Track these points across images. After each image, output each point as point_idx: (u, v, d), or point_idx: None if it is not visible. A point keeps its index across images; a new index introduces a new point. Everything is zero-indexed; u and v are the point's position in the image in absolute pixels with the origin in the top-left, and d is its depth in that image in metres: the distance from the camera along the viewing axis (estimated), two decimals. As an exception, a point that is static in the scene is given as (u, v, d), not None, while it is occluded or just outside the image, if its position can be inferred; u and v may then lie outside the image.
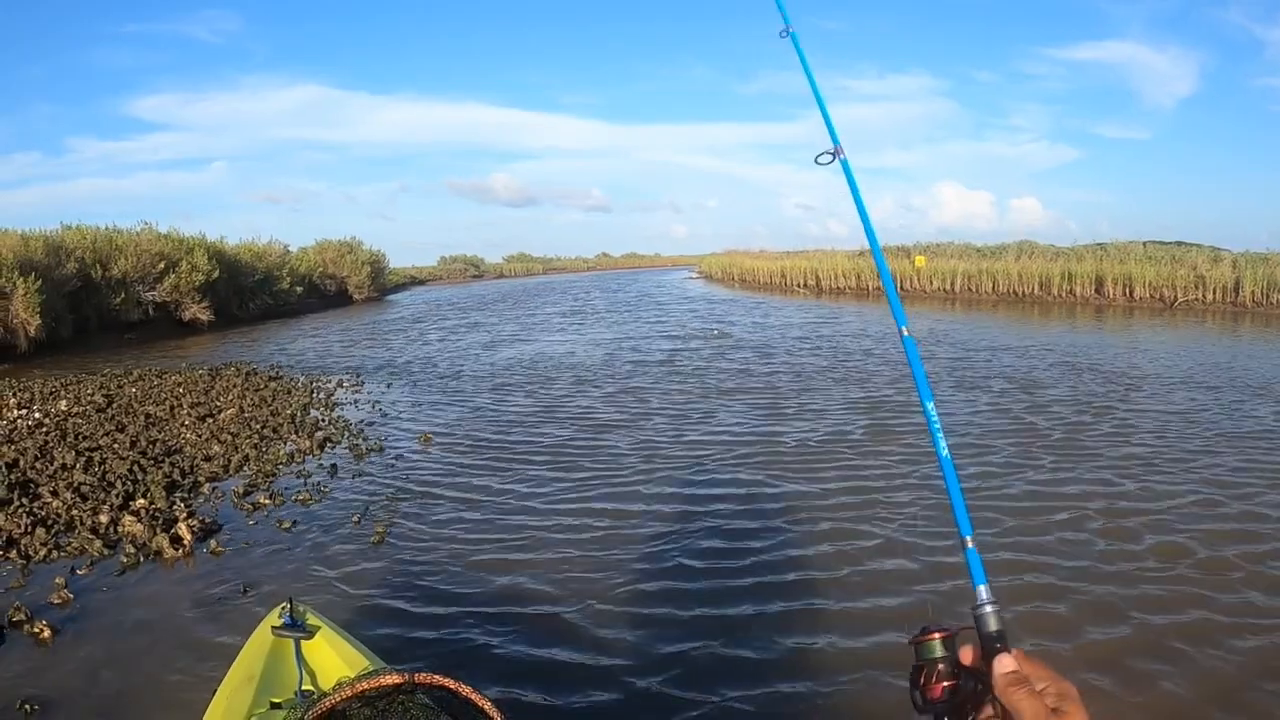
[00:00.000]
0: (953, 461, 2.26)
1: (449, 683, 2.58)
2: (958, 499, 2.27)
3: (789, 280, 45.65)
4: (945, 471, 2.33)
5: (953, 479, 2.29)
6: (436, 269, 75.48)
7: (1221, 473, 8.49)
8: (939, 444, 2.37)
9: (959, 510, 2.25)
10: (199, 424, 11.69)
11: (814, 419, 11.30)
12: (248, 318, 32.37)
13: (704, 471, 8.93)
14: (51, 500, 8.16)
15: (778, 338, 21.78)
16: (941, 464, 2.35)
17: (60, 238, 25.58)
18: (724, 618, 5.51)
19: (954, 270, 36.05)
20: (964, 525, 2.24)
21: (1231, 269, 28.24)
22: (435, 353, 20.80)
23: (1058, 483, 8.26)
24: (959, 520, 2.24)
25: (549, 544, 6.95)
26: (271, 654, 3.30)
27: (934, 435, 2.37)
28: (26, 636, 5.47)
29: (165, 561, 6.79)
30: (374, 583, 6.29)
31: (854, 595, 5.80)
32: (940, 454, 2.37)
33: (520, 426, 11.50)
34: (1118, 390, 13.17)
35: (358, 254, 46.76)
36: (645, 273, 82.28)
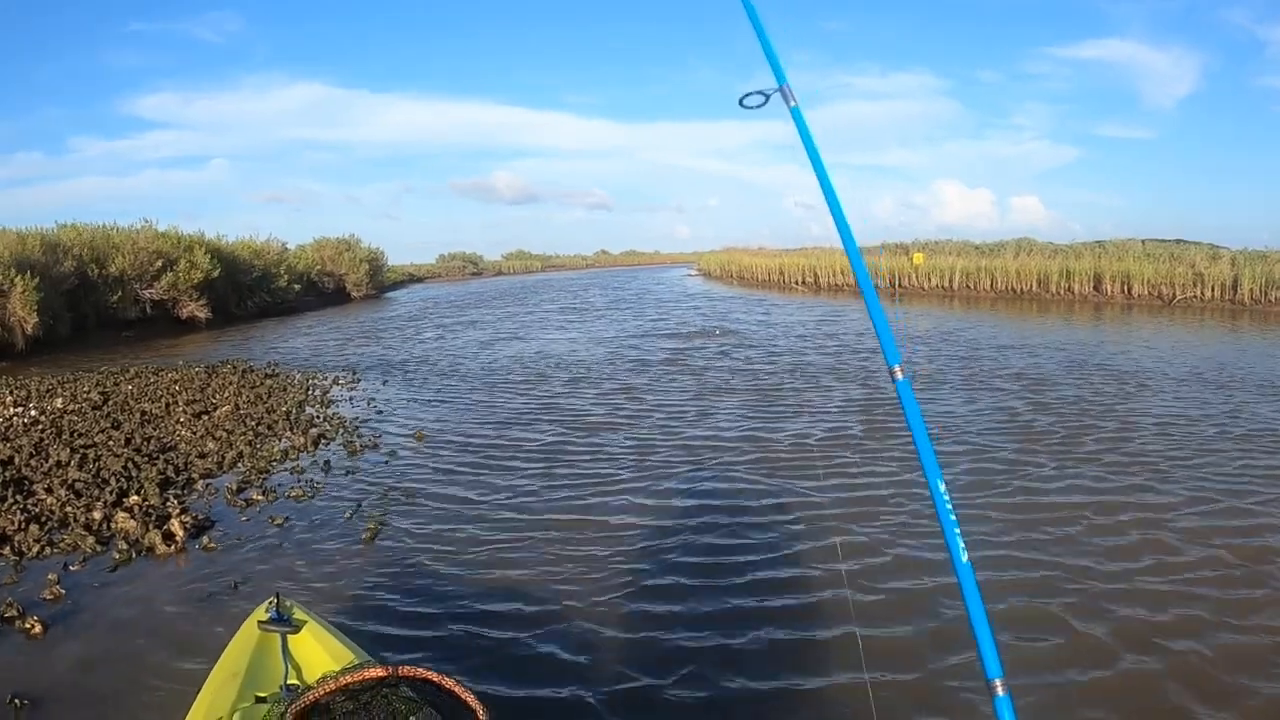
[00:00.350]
0: (974, 574, 2.17)
1: (432, 675, 2.60)
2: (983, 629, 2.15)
3: (787, 278, 45.68)
4: (964, 586, 2.21)
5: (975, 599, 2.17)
6: (435, 266, 75.47)
7: (1225, 474, 8.41)
8: (955, 548, 2.23)
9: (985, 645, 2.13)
10: (194, 421, 11.70)
11: (817, 418, 11.26)
12: (246, 315, 32.36)
13: (701, 471, 8.90)
14: (45, 497, 8.17)
15: (780, 335, 21.68)
16: (959, 575, 2.21)
17: (57, 236, 25.57)
18: (717, 618, 5.51)
19: (952, 267, 36.07)
20: (991, 665, 2.13)
21: (1230, 267, 28.26)
22: (431, 350, 20.81)
23: (1057, 479, 8.24)
24: (985, 657, 2.13)
25: (541, 542, 6.95)
26: (258, 649, 3.31)
27: (949, 537, 2.22)
28: (18, 632, 5.48)
29: (158, 558, 6.80)
30: (365, 579, 6.30)
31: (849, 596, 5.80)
32: (957, 560, 2.22)
33: (515, 425, 11.49)
34: (1121, 388, 13.16)
35: (356, 252, 46.75)
36: (644, 270, 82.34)
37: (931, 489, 2.19)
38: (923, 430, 2.28)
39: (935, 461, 2.23)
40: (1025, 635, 5.10)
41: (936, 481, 2.20)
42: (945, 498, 2.18)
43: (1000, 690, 2.11)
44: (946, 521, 2.15)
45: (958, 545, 2.14)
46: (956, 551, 2.15)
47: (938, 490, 2.19)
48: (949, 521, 2.15)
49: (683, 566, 6.32)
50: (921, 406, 2.22)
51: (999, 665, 2.12)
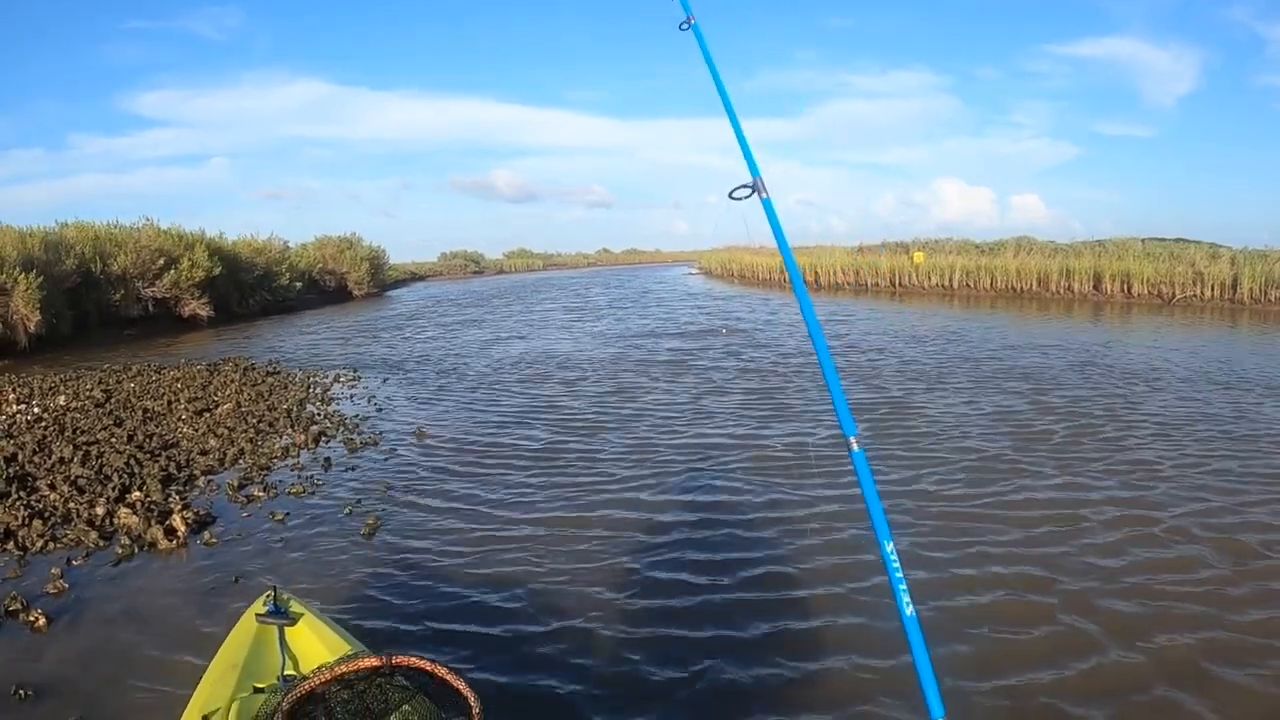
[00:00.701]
0: (919, 626, 2.32)
1: (425, 664, 2.67)
2: (927, 674, 2.32)
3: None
4: (910, 636, 2.35)
5: (920, 648, 2.31)
6: (437, 265, 75.44)
7: (1231, 478, 8.35)
8: (900, 601, 2.38)
9: (929, 687, 2.31)
10: (196, 418, 11.78)
11: (823, 421, 11.18)
12: (247, 314, 32.40)
13: (703, 473, 8.90)
14: (49, 493, 8.25)
15: (787, 335, 21.48)
16: (905, 626, 2.36)
17: (60, 234, 25.62)
18: (713, 613, 5.58)
19: (952, 266, 36.07)
20: (934, 705, 2.29)
21: (1230, 266, 28.26)
22: (432, 349, 20.85)
23: (1066, 488, 8.16)
24: (928, 699, 2.32)
25: (539, 539, 7.03)
26: (256, 641, 3.38)
27: (896, 592, 2.37)
28: (22, 625, 5.56)
29: (160, 553, 6.89)
30: (364, 574, 6.38)
31: (842, 609, 5.87)
32: (903, 612, 2.37)
33: (516, 424, 11.54)
34: (1125, 388, 13.15)
35: (357, 250, 46.75)
36: (646, 269, 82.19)
37: (881, 550, 2.42)
38: (876, 500, 2.50)
39: (886, 526, 2.45)
40: (1012, 632, 5.18)
41: (885, 542, 2.42)
42: (893, 558, 2.40)
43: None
44: (894, 579, 2.38)
45: (903, 599, 2.36)
46: (901, 604, 2.37)
47: (886, 551, 2.41)
48: (896, 579, 2.38)
49: (679, 564, 6.39)
50: (927, 408, 2.36)
51: (940, 705, 2.31)
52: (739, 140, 3.00)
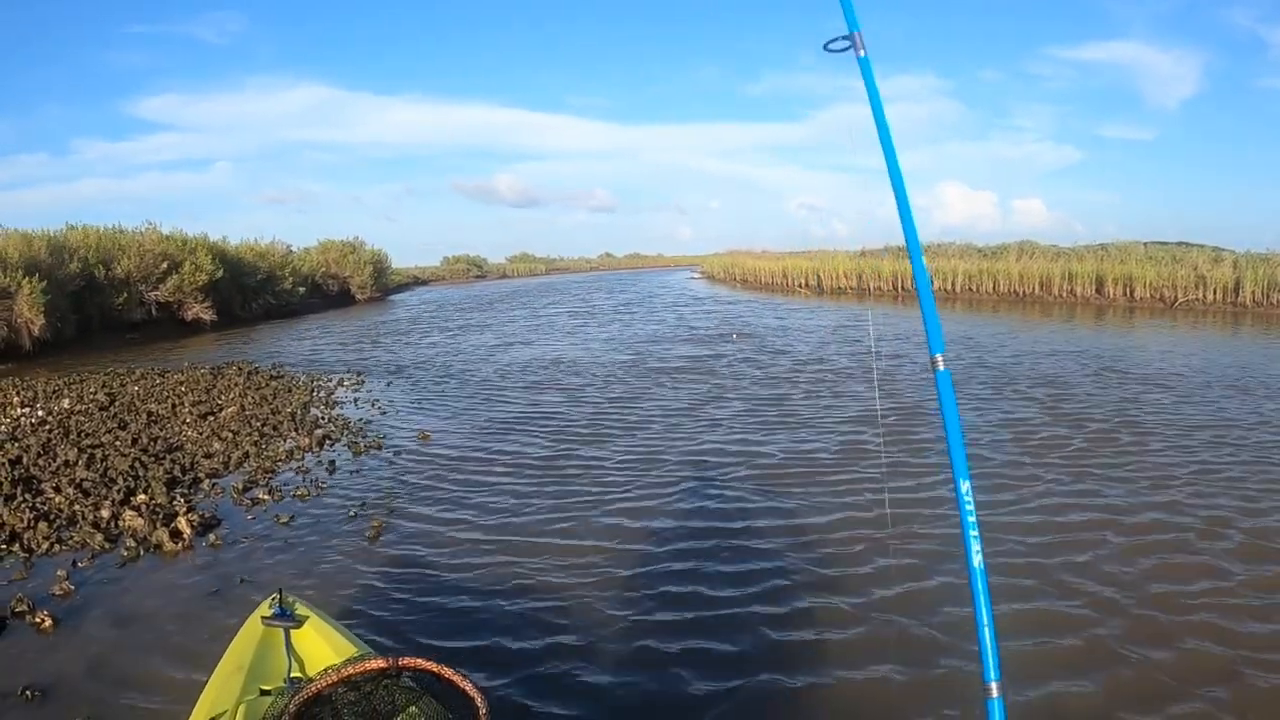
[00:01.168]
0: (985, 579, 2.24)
1: (432, 666, 2.68)
2: (986, 632, 2.23)
3: (790, 280, 45.65)
4: (974, 588, 2.26)
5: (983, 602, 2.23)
6: (440, 269, 75.43)
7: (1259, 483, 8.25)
8: (970, 549, 2.26)
9: (986, 648, 2.21)
10: (200, 422, 11.81)
11: (839, 430, 10.95)
12: (250, 317, 32.43)
13: (715, 481, 8.84)
14: (54, 496, 8.27)
15: (798, 341, 21.08)
16: (971, 577, 2.26)
17: (64, 237, 25.67)
18: (718, 624, 5.57)
19: (955, 270, 36.06)
20: (990, 668, 2.21)
21: (1232, 269, 28.24)
22: (436, 353, 20.87)
23: (1083, 495, 8.02)
24: (985, 659, 2.20)
25: (545, 544, 7.04)
26: (262, 643, 3.40)
27: (966, 538, 2.26)
28: (28, 626, 5.58)
29: (165, 555, 6.91)
30: (369, 577, 6.40)
31: (855, 622, 5.87)
32: (971, 562, 2.27)
33: (522, 429, 11.54)
34: (1142, 392, 13.08)
35: (360, 254, 46.78)
36: (648, 273, 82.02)
37: (956, 488, 2.27)
38: (957, 428, 2.36)
39: (964, 462, 2.31)
40: (1035, 639, 5.18)
41: (961, 481, 2.27)
42: (968, 499, 2.26)
43: (995, 692, 2.21)
44: (965, 522, 2.23)
45: (972, 548, 2.23)
46: (971, 553, 2.23)
47: (960, 491, 2.26)
48: (967, 523, 2.23)
49: (689, 574, 6.38)
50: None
51: (997, 669, 2.22)
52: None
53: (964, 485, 2.23)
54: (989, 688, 2.23)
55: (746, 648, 5.15)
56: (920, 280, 2.52)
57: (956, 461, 2.28)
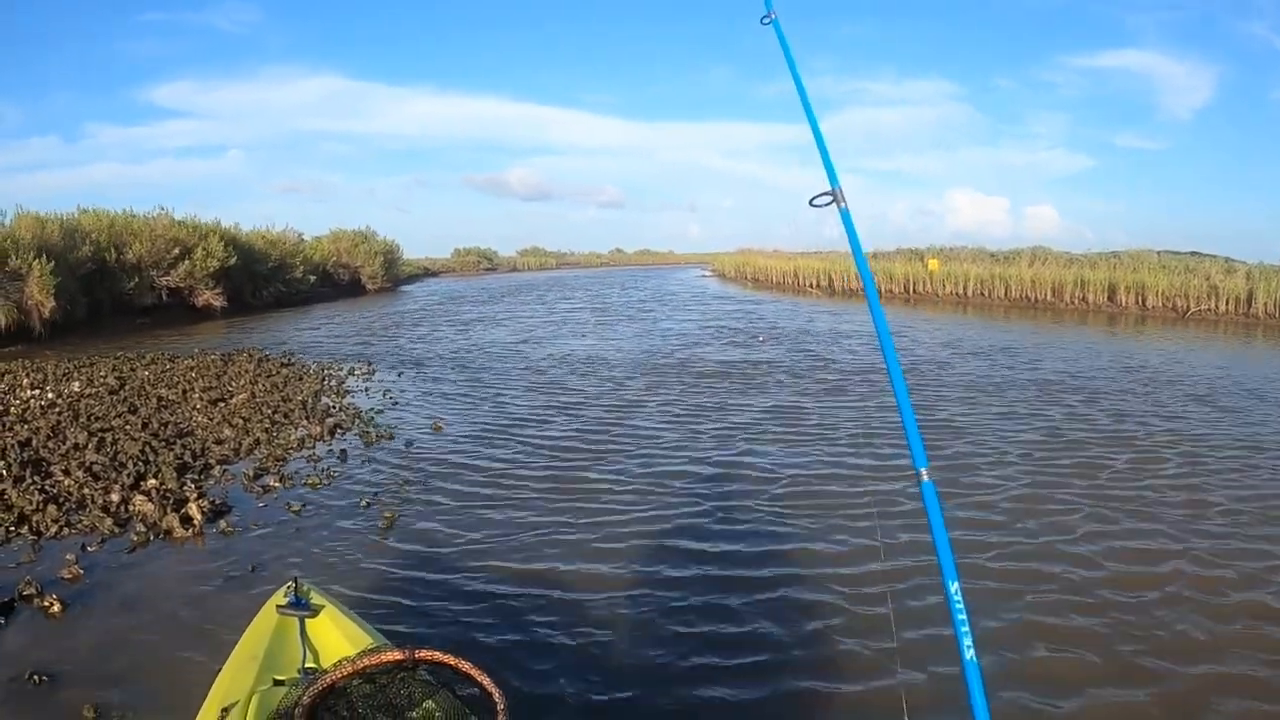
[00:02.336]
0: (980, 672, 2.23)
1: (449, 659, 2.63)
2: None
3: (801, 280, 45.61)
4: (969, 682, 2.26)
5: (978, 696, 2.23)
6: (450, 261, 75.49)
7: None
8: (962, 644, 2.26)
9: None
10: (211, 408, 11.78)
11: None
12: (261, 305, 32.43)
13: (740, 502, 8.60)
14: (63, 479, 8.24)
15: (830, 345, 20.16)
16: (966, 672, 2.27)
17: (76, 221, 25.66)
18: (732, 617, 5.54)
19: (967, 275, 35.96)
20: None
21: (1245, 280, 28.13)
22: (447, 345, 20.86)
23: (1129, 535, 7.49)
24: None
25: (559, 536, 7.00)
26: (276, 633, 3.35)
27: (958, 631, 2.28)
28: (37, 610, 5.53)
29: (175, 540, 6.86)
30: (382, 566, 6.36)
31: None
32: (964, 656, 2.27)
33: (539, 424, 11.46)
34: (1181, 405, 12.79)
35: (372, 244, 46.80)
36: (659, 270, 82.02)
37: (945, 589, 2.32)
38: (944, 536, 2.40)
39: (953, 564, 2.35)
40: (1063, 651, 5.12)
41: (950, 582, 2.32)
42: (957, 598, 2.30)
43: None
44: (956, 619, 2.27)
45: (964, 643, 2.25)
46: (963, 648, 2.25)
47: (950, 591, 2.31)
48: (958, 620, 2.26)
49: (704, 564, 6.37)
50: (964, 420, 2.29)
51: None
52: (819, 148, 2.97)
53: (953, 586, 2.31)
54: None
55: (765, 648, 5.09)
56: (900, 394, 2.62)
57: (945, 566, 2.35)
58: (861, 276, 2.91)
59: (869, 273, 2.89)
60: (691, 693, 4.61)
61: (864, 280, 2.93)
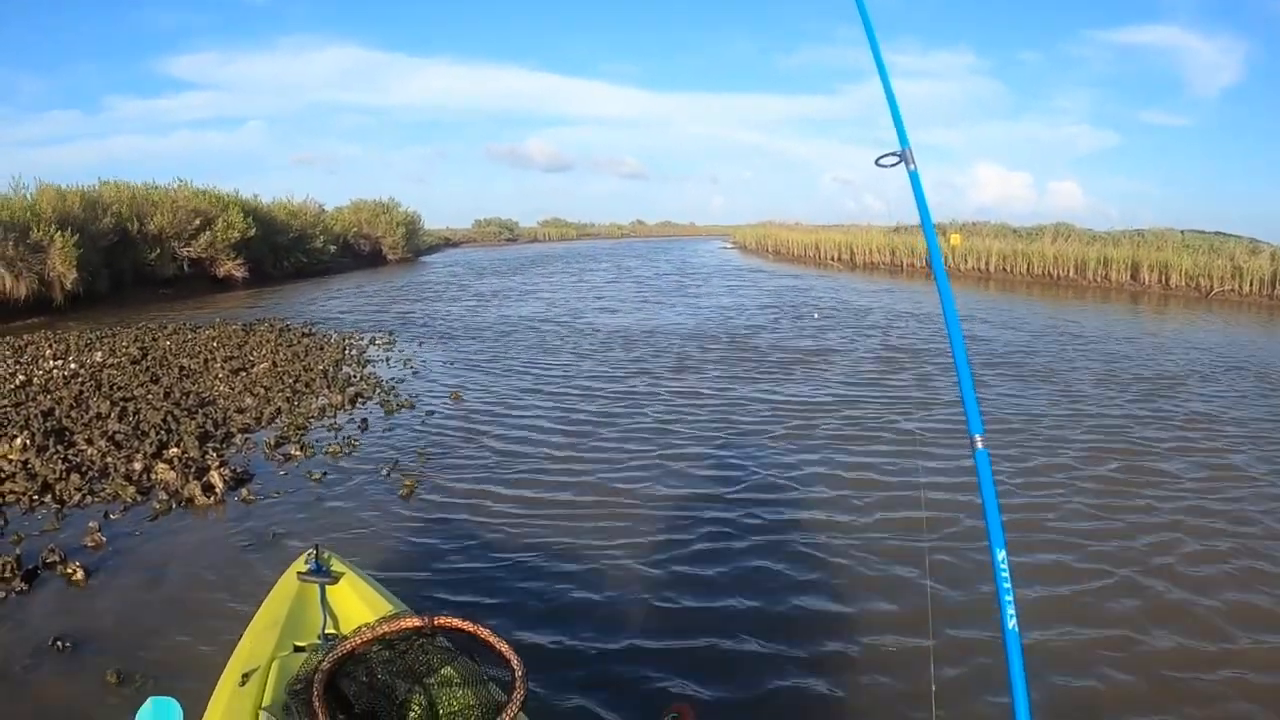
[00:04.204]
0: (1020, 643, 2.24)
1: (468, 626, 2.64)
2: (1021, 697, 2.20)
3: (823, 253, 45.41)
4: (1010, 652, 2.23)
5: (1018, 668, 2.20)
6: (471, 231, 75.57)
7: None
8: (1005, 614, 2.25)
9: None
10: (232, 377, 11.84)
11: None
12: (282, 275, 32.52)
13: (766, 452, 8.75)
14: (86, 448, 8.30)
15: (893, 324, 19.17)
16: (1006, 641, 2.25)
17: (98, 193, 25.71)
18: (752, 586, 5.53)
19: (989, 250, 35.68)
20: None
21: (1270, 261, 27.75)
22: (468, 315, 20.88)
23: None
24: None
25: (580, 504, 7.04)
26: (297, 599, 3.37)
27: (1001, 599, 2.27)
28: (60, 577, 5.58)
29: (197, 508, 6.91)
30: (402, 534, 6.39)
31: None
32: (1005, 625, 2.25)
33: (555, 390, 11.55)
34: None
35: (393, 215, 46.80)
36: (680, 241, 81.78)
37: (992, 556, 2.32)
38: (995, 504, 2.41)
39: (1001, 532, 2.34)
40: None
41: (998, 550, 2.32)
42: (1004, 566, 2.30)
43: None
44: (1001, 588, 2.28)
45: (1007, 611, 2.26)
46: (1005, 617, 2.27)
47: (997, 559, 2.31)
48: (1003, 588, 2.27)
49: (726, 539, 6.34)
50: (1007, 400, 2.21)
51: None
52: (890, 105, 2.87)
53: (1000, 554, 2.31)
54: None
55: (783, 621, 5.07)
56: (959, 357, 2.61)
57: (994, 533, 2.35)
58: (927, 241, 2.83)
59: (935, 238, 2.83)
60: (714, 663, 4.60)
61: (930, 245, 2.85)
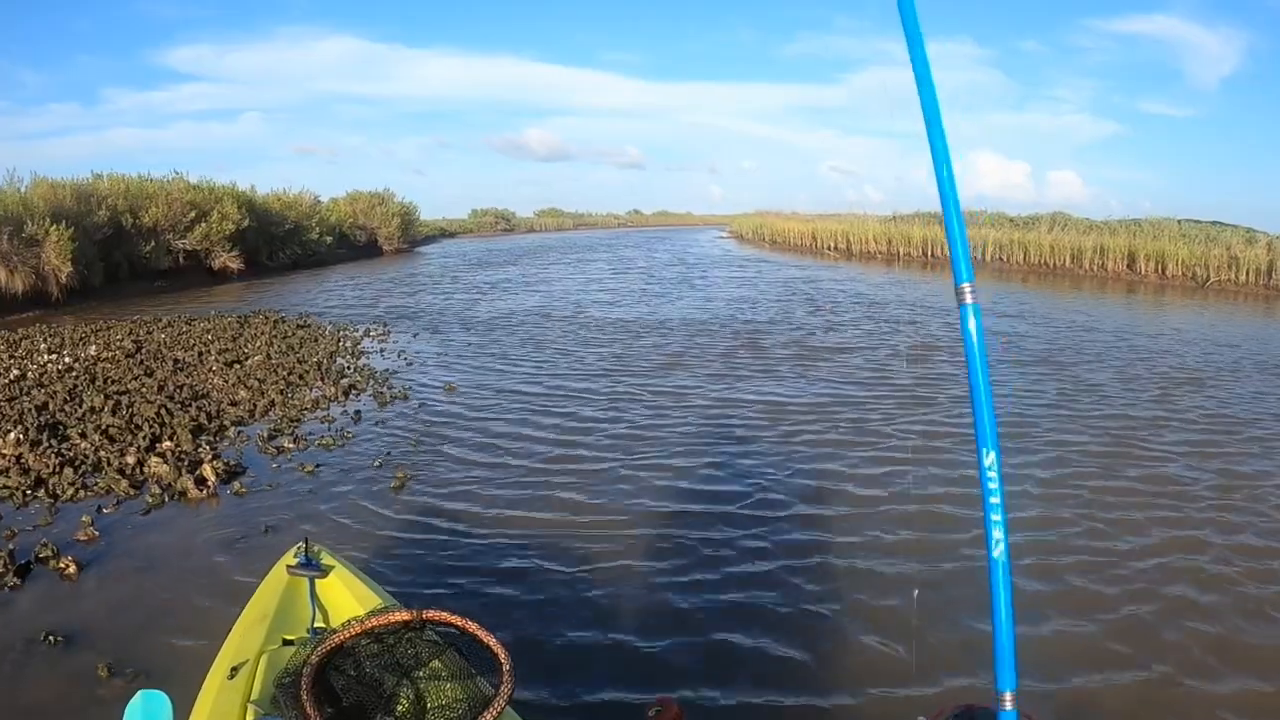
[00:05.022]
0: (1008, 572, 1.98)
1: (456, 620, 2.63)
2: (1006, 637, 2.01)
3: (819, 242, 45.37)
4: (993, 581, 2.06)
5: (1003, 600, 2.03)
6: (468, 222, 75.29)
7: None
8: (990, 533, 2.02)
9: (1003, 654, 2.02)
10: (226, 370, 11.83)
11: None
12: (277, 267, 32.44)
13: (754, 444, 8.83)
14: (79, 441, 8.29)
15: (909, 316, 18.89)
16: (990, 570, 2.05)
17: (92, 186, 25.65)
18: (751, 589, 5.50)
19: (985, 238, 35.63)
20: (1005, 676, 2.02)
21: (1266, 251, 27.73)
22: (462, 307, 20.86)
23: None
24: (999, 666, 2.02)
25: (570, 496, 7.03)
26: (286, 592, 3.36)
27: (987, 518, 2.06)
28: (53, 572, 5.58)
29: (190, 502, 6.91)
30: (393, 527, 6.40)
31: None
32: (990, 553, 2.04)
33: (549, 382, 11.54)
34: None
35: (389, 205, 46.67)
36: (676, 231, 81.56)
37: (979, 459, 1.94)
38: (984, 372, 1.97)
39: (993, 424, 1.96)
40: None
41: (986, 451, 1.93)
42: (991, 473, 1.93)
43: (1009, 704, 2.04)
44: (988, 504, 1.93)
45: (993, 535, 1.93)
46: (991, 542, 1.94)
47: (984, 465, 1.93)
48: (990, 505, 1.93)
49: (715, 532, 6.35)
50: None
51: (1014, 678, 2.04)
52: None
53: (988, 457, 1.90)
54: (1003, 698, 2.07)
55: (771, 613, 5.09)
56: (947, 195, 2.09)
57: (980, 422, 1.92)
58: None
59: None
60: (702, 658, 4.62)
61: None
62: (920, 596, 5.21)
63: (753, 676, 4.42)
